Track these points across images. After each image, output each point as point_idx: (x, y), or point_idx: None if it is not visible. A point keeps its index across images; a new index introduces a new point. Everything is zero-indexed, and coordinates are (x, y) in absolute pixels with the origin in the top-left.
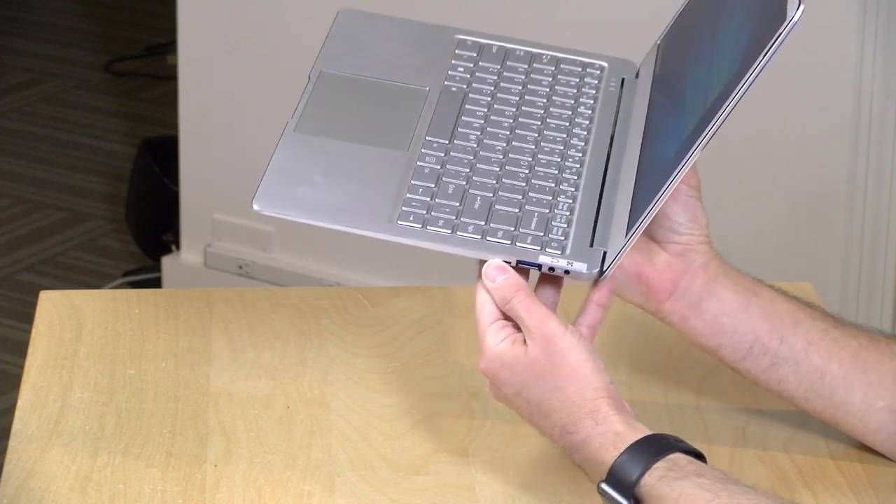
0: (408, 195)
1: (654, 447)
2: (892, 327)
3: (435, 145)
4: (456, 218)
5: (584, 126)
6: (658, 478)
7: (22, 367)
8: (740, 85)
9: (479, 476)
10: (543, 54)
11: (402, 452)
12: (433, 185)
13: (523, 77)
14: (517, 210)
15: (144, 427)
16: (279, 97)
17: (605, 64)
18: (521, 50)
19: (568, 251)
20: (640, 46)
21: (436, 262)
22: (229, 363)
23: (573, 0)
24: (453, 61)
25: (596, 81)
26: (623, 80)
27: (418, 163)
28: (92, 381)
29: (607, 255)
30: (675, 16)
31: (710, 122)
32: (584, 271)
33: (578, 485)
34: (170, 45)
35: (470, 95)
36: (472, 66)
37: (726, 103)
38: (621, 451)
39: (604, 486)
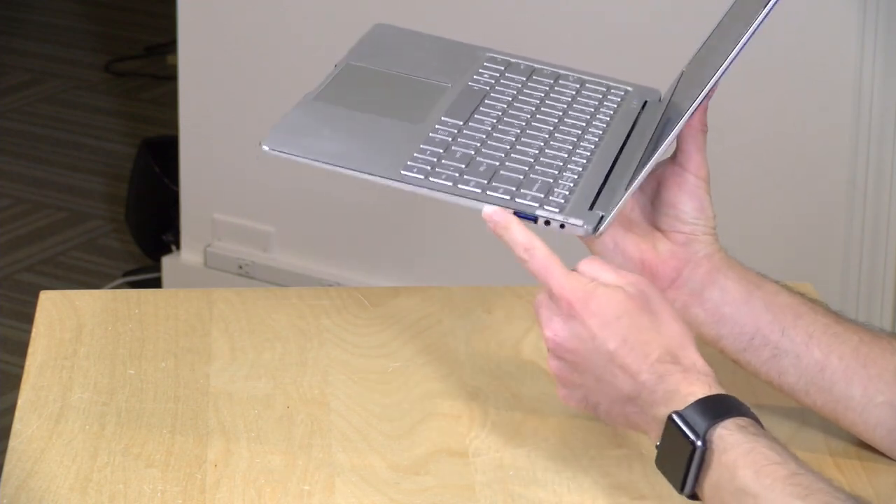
0: (415, 154)
1: (742, 405)
2: (892, 327)
3: (450, 124)
4: (459, 175)
5: (600, 127)
6: (737, 427)
7: (22, 367)
8: (753, 24)
9: (479, 476)
10: (570, 75)
11: (402, 452)
12: (442, 150)
13: (546, 89)
14: (521, 176)
15: (144, 427)
16: (279, 97)
17: (629, 88)
18: (548, 69)
19: (566, 210)
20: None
21: (436, 262)
22: (229, 363)
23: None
24: (480, 70)
25: (618, 100)
26: (646, 102)
27: (430, 133)
28: (92, 381)
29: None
30: (699, 47)
31: (717, 68)
32: (580, 225)
33: (578, 484)
34: (170, 45)
35: (491, 94)
36: (497, 75)
37: (731, 51)
38: (717, 391)
39: (675, 416)
